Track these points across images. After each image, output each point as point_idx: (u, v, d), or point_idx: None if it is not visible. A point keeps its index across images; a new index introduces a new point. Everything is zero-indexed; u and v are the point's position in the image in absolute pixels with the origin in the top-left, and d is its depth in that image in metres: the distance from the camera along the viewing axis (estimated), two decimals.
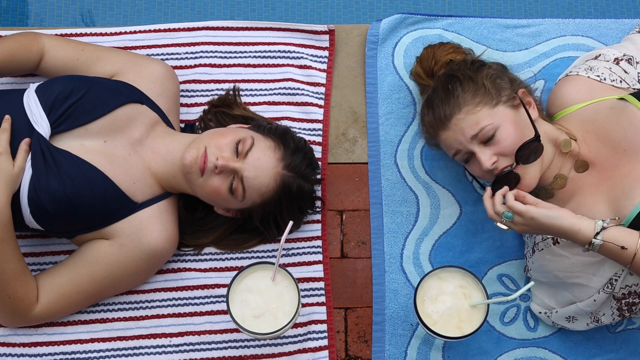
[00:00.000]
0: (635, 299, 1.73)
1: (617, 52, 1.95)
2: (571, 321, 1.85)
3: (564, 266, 1.79)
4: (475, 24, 2.18)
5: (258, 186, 1.80)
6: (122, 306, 1.90)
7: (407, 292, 1.96)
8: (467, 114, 1.78)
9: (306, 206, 1.92)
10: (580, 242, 1.64)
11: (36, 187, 1.72)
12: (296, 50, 2.13)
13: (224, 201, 1.82)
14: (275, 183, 1.81)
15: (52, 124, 1.77)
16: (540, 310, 1.91)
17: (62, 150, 1.76)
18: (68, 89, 1.80)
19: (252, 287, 1.68)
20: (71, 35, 2.10)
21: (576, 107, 1.89)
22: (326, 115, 2.09)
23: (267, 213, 1.86)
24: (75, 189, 1.74)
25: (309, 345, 1.89)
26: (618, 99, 1.82)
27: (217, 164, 1.76)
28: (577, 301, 1.81)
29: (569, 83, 1.94)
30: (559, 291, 1.85)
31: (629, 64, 1.93)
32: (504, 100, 1.80)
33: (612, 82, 1.90)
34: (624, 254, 1.61)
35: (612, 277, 1.73)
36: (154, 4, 2.29)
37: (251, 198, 1.81)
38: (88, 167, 1.76)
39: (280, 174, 1.82)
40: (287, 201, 1.84)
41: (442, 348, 1.92)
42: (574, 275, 1.78)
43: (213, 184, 1.79)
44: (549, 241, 1.82)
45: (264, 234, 1.92)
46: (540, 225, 1.65)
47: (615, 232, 1.62)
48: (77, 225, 1.79)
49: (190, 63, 2.10)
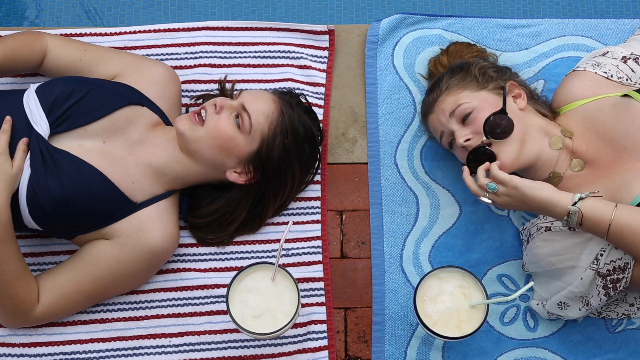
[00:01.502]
0: (619, 274, 1.73)
1: (624, 51, 1.95)
2: (563, 308, 1.85)
3: (555, 250, 1.80)
4: (475, 24, 2.18)
5: (261, 108, 1.81)
6: (121, 306, 1.90)
7: (407, 292, 1.96)
8: (449, 95, 1.88)
9: (312, 145, 1.92)
10: (559, 213, 1.67)
11: (35, 187, 1.72)
12: (296, 50, 2.13)
13: (233, 142, 1.80)
14: (276, 104, 1.84)
15: (51, 124, 1.77)
16: (537, 302, 1.91)
17: (61, 150, 1.76)
18: (68, 90, 1.80)
19: (252, 287, 1.68)
20: (71, 36, 2.10)
21: (578, 103, 1.90)
22: (326, 116, 2.09)
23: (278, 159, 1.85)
24: (74, 189, 1.74)
25: (309, 345, 1.89)
26: (621, 96, 1.82)
27: (216, 102, 1.81)
28: (568, 287, 1.81)
29: (575, 78, 1.95)
30: (552, 282, 1.85)
31: (636, 63, 1.93)
32: (489, 88, 1.87)
33: (619, 79, 1.91)
34: (600, 224, 1.65)
35: (598, 253, 1.74)
36: (154, 4, 2.29)
37: (259, 125, 1.81)
38: (87, 167, 1.76)
39: (277, 99, 1.86)
40: (293, 134, 1.85)
41: (442, 348, 1.92)
42: (565, 258, 1.79)
43: (218, 123, 1.79)
44: (542, 230, 1.83)
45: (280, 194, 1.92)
46: (523, 196, 1.69)
47: (592, 202, 1.66)
48: (76, 226, 1.79)
49: (190, 63, 2.10)
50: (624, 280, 1.72)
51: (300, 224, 1.99)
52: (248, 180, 1.86)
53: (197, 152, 1.82)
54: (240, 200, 1.90)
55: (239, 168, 1.85)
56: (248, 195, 1.90)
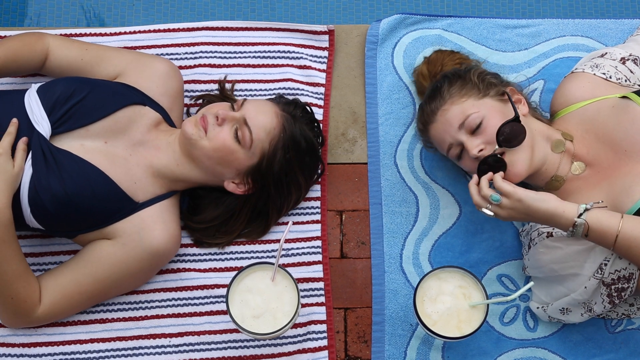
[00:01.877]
0: (624, 283, 1.72)
1: (623, 52, 1.95)
2: (565, 313, 1.85)
3: (557, 257, 1.79)
4: (475, 24, 2.18)
5: (263, 123, 1.81)
6: (121, 306, 1.90)
7: (407, 293, 1.96)
8: (452, 104, 1.83)
9: (313, 156, 1.92)
10: (565, 225, 1.66)
11: (37, 187, 1.72)
12: (296, 50, 2.13)
13: (233, 156, 1.81)
14: (278, 119, 1.83)
15: (53, 124, 1.77)
16: (537, 306, 1.91)
17: (63, 150, 1.77)
18: (70, 90, 1.80)
19: (252, 287, 1.68)
20: (71, 36, 2.10)
21: (577, 105, 1.89)
22: (326, 116, 2.09)
23: (279, 172, 1.85)
24: (76, 189, 1.74)
25: (309, 345, 1.89)
26: (620, 97, 1.82)
27: (218, 114, 1.80)
28: (571, 293, 1.81)
29: (574, 80, 1.95)
30: (554, 286, 1.85)
31: (634, 64, 1.93)
32: (491, 94, 1.84)
33: (618, 80, 1.91)
34: (607, 236, 1.63)
35: (602, 262, 1.73)
36: (154, 4, 2.29)
37: (259, 141, 1.81)
38: (89, 167, 1.76)
39: (280, 113, 1.85)
40: (294, 148, 1.85)
41: (442, 348, 1.92)
42: (567, 265, 1.78)
43: (219, 136, 1.79)
44: (544, 235, 1.82)
45: (284, 206, 1.93)
46: (527, 208, 1.67)
47: (598, 213, 1.64)
48: (78, 225, 1.79)
49: (189, 63, 2.10)
50: (628, 290, 1.73)
51: (300, 224, 1.99)
52: (246, 191, 1.87)
53: (198, 158, 1.82)
54: (239, 210, 1.91)
55: (237, 179, 1.86)
56: (247, 206, 1.90)
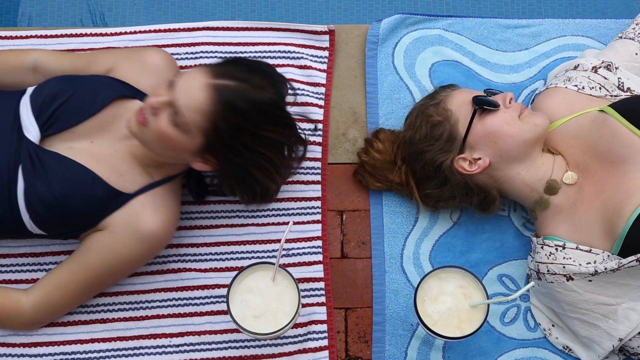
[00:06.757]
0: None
1: (595, 61, 1.95)
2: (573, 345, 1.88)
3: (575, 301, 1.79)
4: (475, 24, 2.18)
5: (192, 104, 1.67)
6: (122, 306, 1.90)
7: (407, 293, 1.96)
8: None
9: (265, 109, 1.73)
10: None
11: (27, 194, 1.74)
12: (296, 50, 2.13)
13: (175, 141, 1.71)
14: (206, 92, 1.67)
15: (41, 127, 1.77)
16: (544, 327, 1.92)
17: (51, 152, 1.77)
18: (54, 92, 1.80)
19: (252, 287, 1.68)
20: (71, 36, 2.11)
21: (558, 123, 1.89)
22: (326, 116, 2.09)
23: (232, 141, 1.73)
24: (63, 190, 1.74)
25: (309, 345, 1.90)
26: (599, 111, 1.83)
27: (150, 102, 1.70)
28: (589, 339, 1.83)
29: (549, 97, 1.94)
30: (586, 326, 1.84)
31: (607, 71, 1.93)
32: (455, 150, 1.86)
33: (591, 89, 1.91)
34: None
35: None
36: (154, 4, 2.29)
37: (194, 122, 1.69)
38: (75, 166, 1.76)
39: (209, 83, 1.68)
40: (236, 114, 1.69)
41: (442, 348, 1.92)
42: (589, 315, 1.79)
43: (157, 126, 1.70)
44: (561, 277, 1.79)
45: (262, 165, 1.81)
46: None
47: None
48: (74, 225, 1.79)
49: (190, 63, 2.10)
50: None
51: (300, 224, 1.99)
52: (215, 166, 1.79)
53: (153, 151, 1.77)
54: (227, 181, 1.86)
55: (199, 158, 1.78)
56: (227, 177, 1.84)
